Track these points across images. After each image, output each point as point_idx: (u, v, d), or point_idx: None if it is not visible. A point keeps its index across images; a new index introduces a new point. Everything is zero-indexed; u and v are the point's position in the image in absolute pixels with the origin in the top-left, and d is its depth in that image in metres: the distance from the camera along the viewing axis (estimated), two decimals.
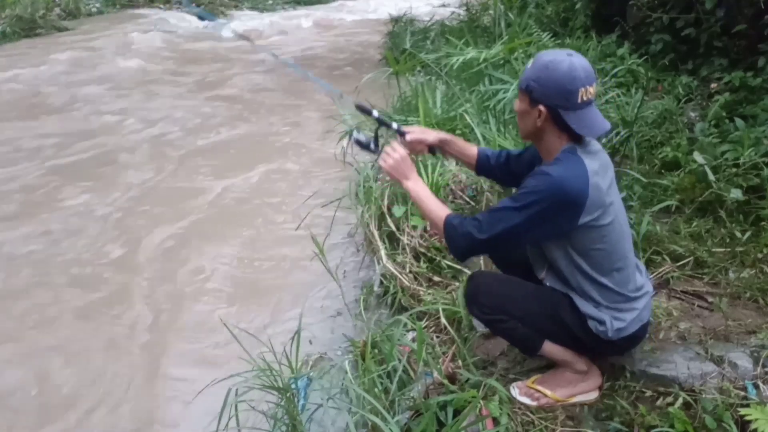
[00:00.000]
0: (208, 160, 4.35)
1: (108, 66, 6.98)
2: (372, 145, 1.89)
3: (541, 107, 1.54)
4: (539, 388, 1.82)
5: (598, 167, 1.55)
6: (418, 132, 1.90)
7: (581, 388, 1.81)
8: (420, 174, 2.76)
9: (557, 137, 1.58)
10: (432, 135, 1.91)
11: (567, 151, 1.56)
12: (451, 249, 1.69)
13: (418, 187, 1.76)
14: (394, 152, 1.78)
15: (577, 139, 1.57)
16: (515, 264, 1.90)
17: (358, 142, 1.90)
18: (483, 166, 1.93)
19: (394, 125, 1.88)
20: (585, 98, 1.50)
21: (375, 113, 1.88)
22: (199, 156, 4.42)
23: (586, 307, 1.66)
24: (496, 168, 1.90)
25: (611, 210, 1.58)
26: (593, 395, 1.82)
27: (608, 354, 1.85)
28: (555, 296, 1.71)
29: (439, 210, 1.69)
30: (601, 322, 1.64)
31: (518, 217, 1.53)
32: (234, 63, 7.20)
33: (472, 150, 1.93)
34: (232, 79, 6.46)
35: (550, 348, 1.76)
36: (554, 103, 1.52)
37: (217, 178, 4.03)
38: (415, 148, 1.90)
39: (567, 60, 1.50)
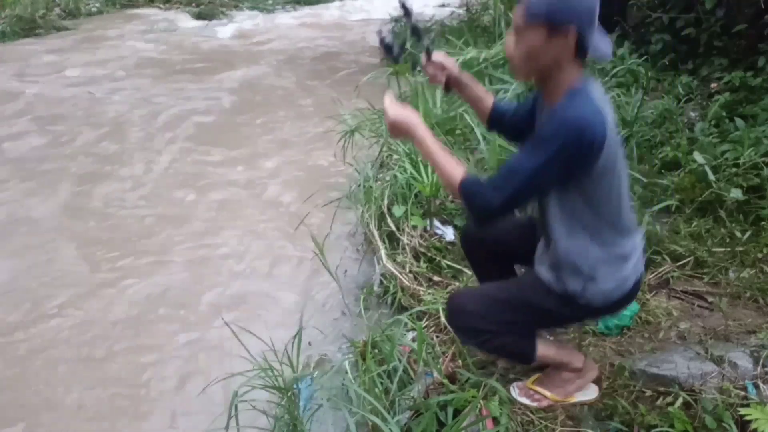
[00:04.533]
0: (206, 160, 4.35)
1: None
2: (396, 50, 1.74)
3: (572, 29, 1.30)
4: (538, 389, 1.83)
5: (604, 102, 1.40)
6: (444, 57, 1.73)
7: (578, 385, 1.82)
8: (420, 173, 2.77)
9: (576, 67, 1.38)
10: (457, 68, 1.75)
11: (578, 87, 1.37)
12: (470, 215, 1.55)
13: (427, 139, 1.52)
14: (395, 105, 1.56)
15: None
16: (491, 257, 1.87)
17: (383, 43, 1.74)
18: (496, 121, 1.77)
19: (426, 41, 1.73)
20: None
21: (412, 18, 1.75)
22: (197, 157, 4.42)
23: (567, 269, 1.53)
24: (509, 125, 1.75)
25: (618, 149, 1.44)
26: (593, 393, 1.82)
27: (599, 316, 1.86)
28: (526, 279, 1.70)
29: (453, 171, 1.47)
30: (589, 280, 1.51)
31: (538, 167, 1.35)
32: (233, 63, 7.19)
33: (488, 101, 1.76)
34: (231, 80, 6.45)
35: (544, 352, 1.74)
36: (583, 21, 1.30)
37: (215, 178, 4.03)
38: (435, 76, 1.75)
39: None
